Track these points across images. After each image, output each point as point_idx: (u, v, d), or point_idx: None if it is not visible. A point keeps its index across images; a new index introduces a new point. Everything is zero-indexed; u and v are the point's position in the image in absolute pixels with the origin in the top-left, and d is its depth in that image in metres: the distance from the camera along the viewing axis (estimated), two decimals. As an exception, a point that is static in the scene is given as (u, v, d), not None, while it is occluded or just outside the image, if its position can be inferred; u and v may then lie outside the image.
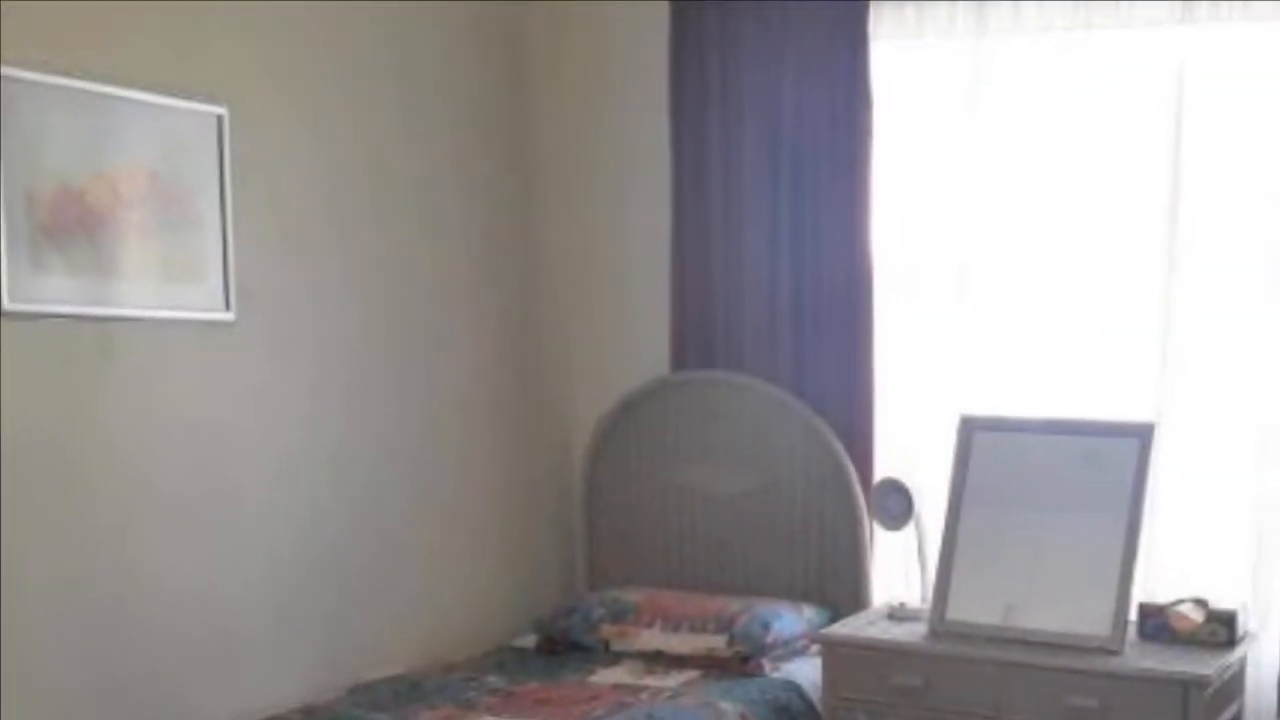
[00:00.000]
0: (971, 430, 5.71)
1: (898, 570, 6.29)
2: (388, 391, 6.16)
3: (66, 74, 4.80)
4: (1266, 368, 5.67)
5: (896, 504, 5.92)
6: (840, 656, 5.59)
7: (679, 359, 6.74)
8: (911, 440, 6.35)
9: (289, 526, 5.73)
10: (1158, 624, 5.39)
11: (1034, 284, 6.11)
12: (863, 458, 6.34)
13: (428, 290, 6.37)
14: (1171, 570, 5.74)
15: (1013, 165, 6.12)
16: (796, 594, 6.39)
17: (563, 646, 6.28)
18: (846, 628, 5.74)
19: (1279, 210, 5.65)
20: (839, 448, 6.31)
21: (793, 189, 6.43)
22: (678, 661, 5.99)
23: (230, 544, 5.47)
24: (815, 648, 5.90)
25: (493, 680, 5.86)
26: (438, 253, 6.43)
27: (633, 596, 6.37)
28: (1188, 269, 5.79)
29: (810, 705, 5.75)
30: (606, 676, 5.89)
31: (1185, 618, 5.34)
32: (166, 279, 5.20)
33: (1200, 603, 5.38)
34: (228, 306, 5.40)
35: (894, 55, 6.32)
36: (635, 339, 6.89)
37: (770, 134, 6.48)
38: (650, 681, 5.80)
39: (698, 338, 6.67)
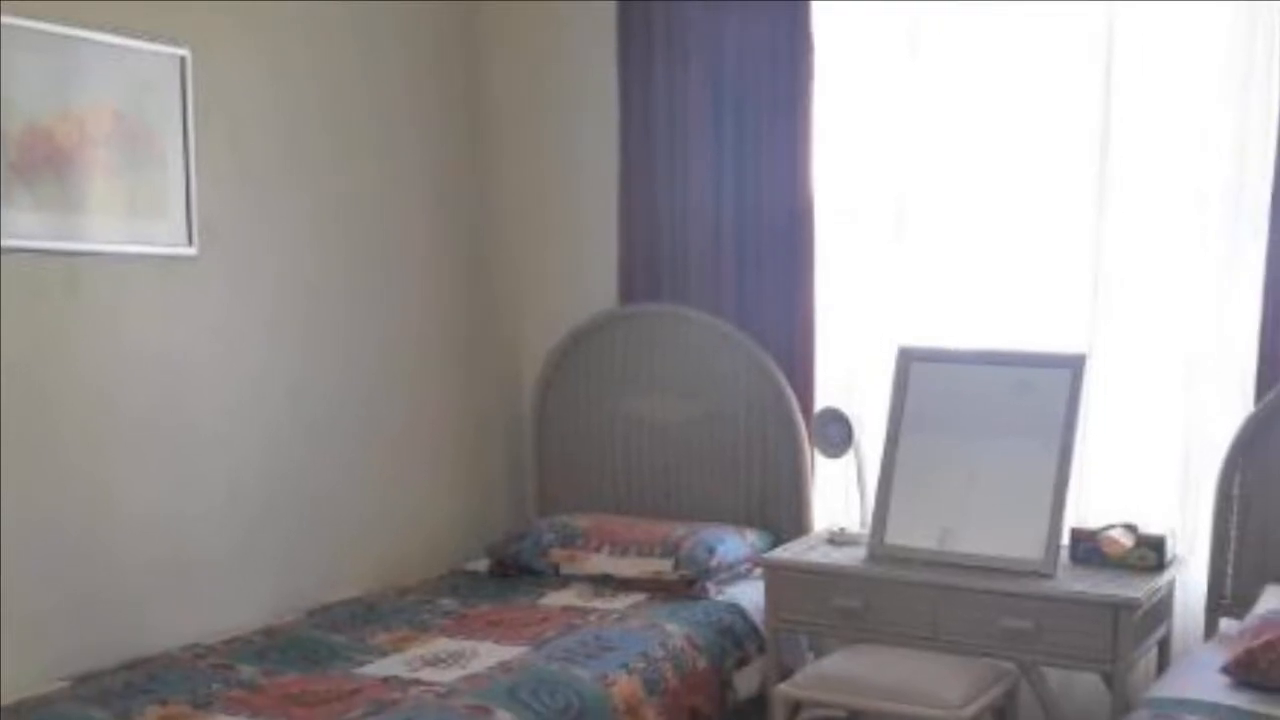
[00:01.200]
0: (909, 361, 5.70)
1: (838, 496, 6.30)
2: (344, 324, 6.13)
3: (34, 16, 4.75)
4: (1193, 301, 5.64)
5: (836, 432, 5.90)
6: (782, 579, 5.58)
7: (626, 293, 6.70)
8: (851, 370, 6.33)
9: (249, 455, 5.71)
10: (1089, 548, 5.39)
11: (970, 220, 6.06)
12: (804, 387, 6.31)
13: (383, 227, 6.33)
14: (1102, 496, 5.75)
15: (950, 105, 6.06)
16: (740, 519, 6.38)
17: (514, 570, 6.27)
18: (788, 552, 5.74)
19: (1205, 149, 5.61)
20: (781, 378, 6.28)
21: (736, 128, 6.37)
22: (625, 585, 5.99)
23: (193, 471, 5.46)
24: (758, 571, 5.90)
25: (446, 603, 5.87)
26: (393, 191, 6.39)
27: (581, 522, 6.34)
28: (1117, 206, 5.76)
29: (753, 627, 5.77)
30: (556, 599, 5.89)
31: (1116, 542, 5.34)
32: (131, 215, 5.19)
33: (1130, 528, 5.38)
34: (190, 242, 5.40)
35: (835, -1, 6.28)
36: (584, 274, 6.86)
37: (714, 75, 6.42)
38: (598, 604, 5.81)
39: (644, 272, 6.64)
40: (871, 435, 5.87)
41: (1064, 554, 5.36)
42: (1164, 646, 5.48)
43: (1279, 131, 5.34)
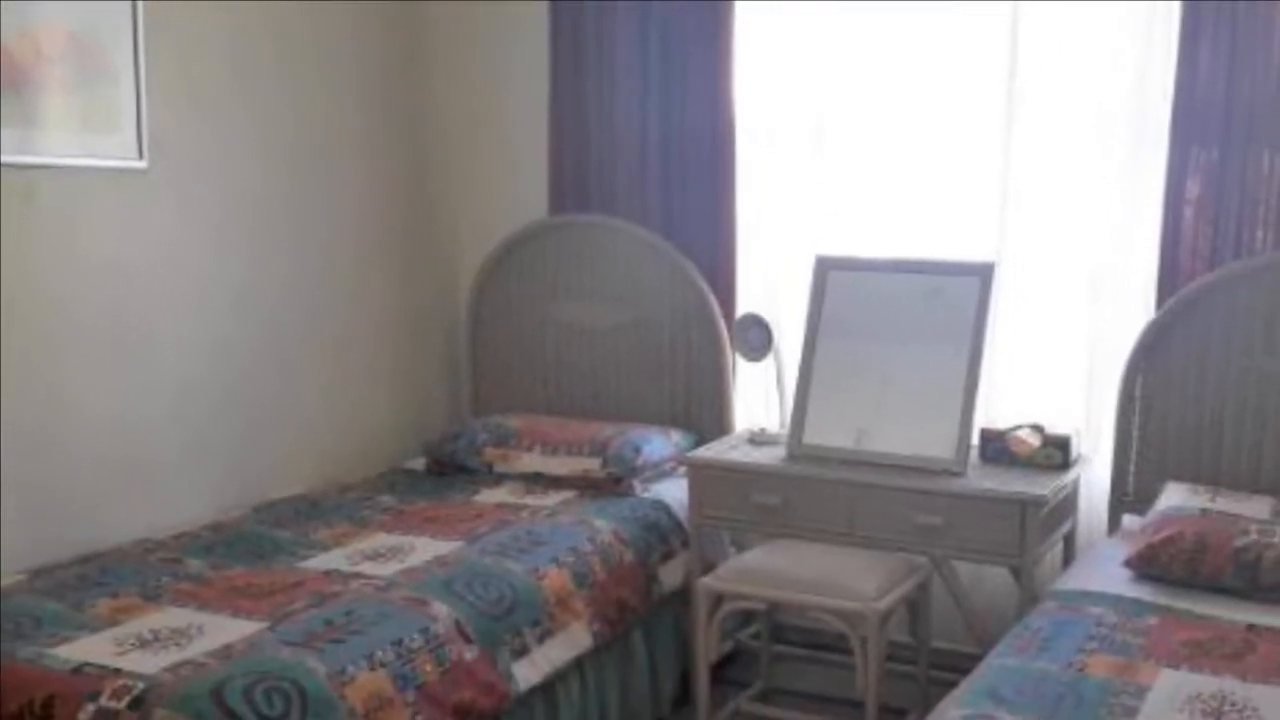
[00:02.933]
0: (826, 269, 5.63)
1: (758, 398, 6.26)
2: (288, 234, 6.02)
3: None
4: (1097, 214, 5.60)
5: (757, 337, 5.84)
6: (705, 477, 5.53)
7: (556, 204, 6.61)
8: (771, 278, 6.27)
9: (198, 359, 5.62)
10: (998, 448, 5.37)
11: (884, 137, 5.96)
12: (726, 294, 6.24)
13: (325, 142, 6.23)
14: (1010, 398, 5.73)
15: (864, 27, 5.94)
16: (665, 420, 6.33)
17: (450, 468, 6.22)
18: (711, 451, 5.68)
19: (1109, 69, 5.52)
20: (704, 285, 6.21)
21: (661, 49, 6.25)
22: (555, 482, 5.95)
23: (144, 374, 5.39)
24: (682, 470, 5.84)
25: (385, 500, 5.82)
26: (334, 108, 6.27)
27: (514, 422, 6.29)
28: (1024, 123, 5.68)
29: (677, 522, 5.74)
30: (490, 496, 5.85)
31: (1023, 442, 5.32)
32: (84, 130, 5.10)
33: (1037, 428, 5.36)
34: (140, 155, 5.30)
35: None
36: (516, 186, 6.76)
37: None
38: (530, 501, 5.76)
39: (574, 185, 6.55)
40: (790, 340, 5.81)
41: (974, 453, 5.33)
42: (1069, 541, 5.49)
43: (1179, 52, 5.25)
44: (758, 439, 5.74)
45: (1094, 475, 5.56)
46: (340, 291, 6.33)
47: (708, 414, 6.29)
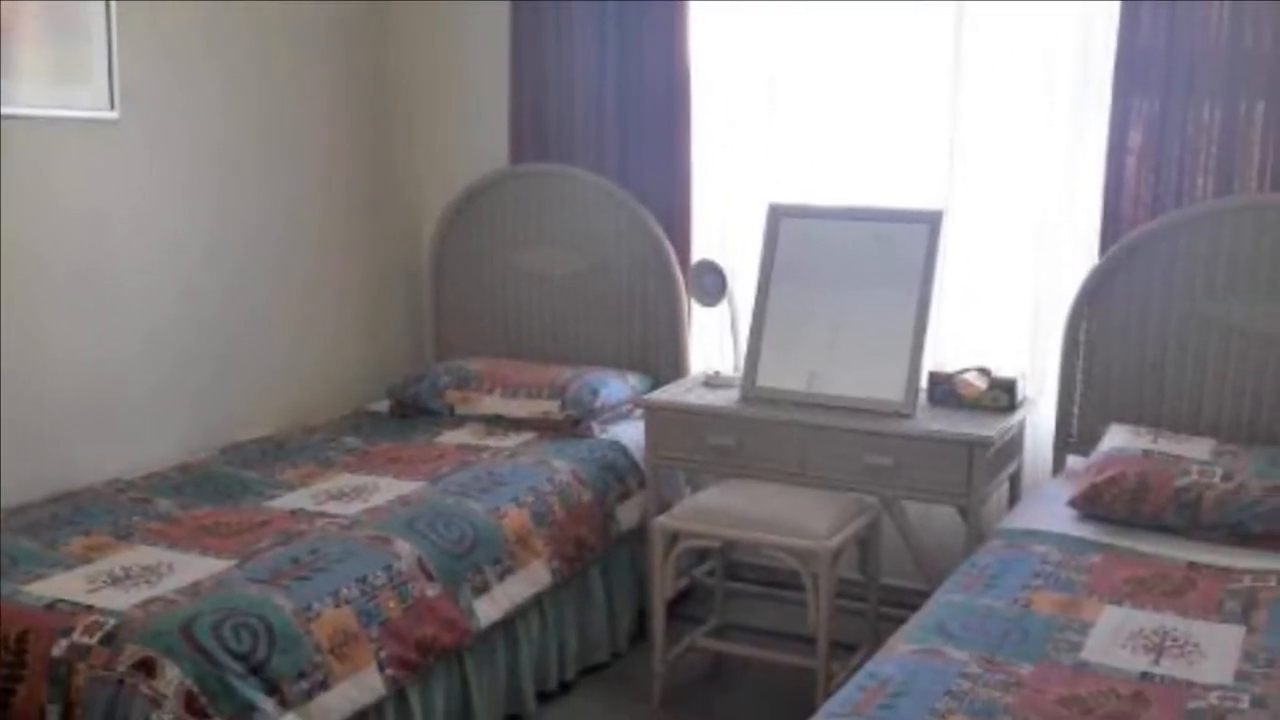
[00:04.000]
0: (779, 217, 5.57)
1: (712, 342, 6.21)
2: (256, 184, 5.99)
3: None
4: (1042, 163, 5.55)
5: (712, 283, 5.79)
6: (661, 419, 5.48)
7: (516, 154, 6.53)
8: (725, 226, 6.22)
9: (168, 305, 5.60)
10: (946, 390, 5.33)
11: (835, 88, 5.89)
12: (681, 241, 6.19)
13: (292, 93, 6.17)
14: (958, 343, 5.70)
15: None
16: (622, 364, 6.30)
17: (412, 411, 6.18)
18: (666, 394, 5.64)
19: (1054, 20, 5.45)
20: (660, 232, 6.15)
21: (618, 3, 6.17)
22: (515, 424, 5.92)
23: (116, 320, 5.37)
24: (638, 412, 5.81)
25: (350, 441, 5.79)
26: (301, 61, 6.21)
27: (475, 366, 6.24)
28: (972, 75, 5.63)
29: (634, 463, 5.73)
30: (452, 438, 5.83)
31: (971, 385, 5.28)
32: (57, 81, 5.07)
33: (984, 371, 5.32)
34: (112, 107, 5.27)
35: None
36: (477, 136, 6.69)
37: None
38: (491, 442, 5.74)
39: (533, 135, 6.48)
40: (744, 286, 5.76)
41: (922, 396, 5.30)
42: (1015, 481, 5.46)
43: (1121, 6, 5.19)
44: (712, 382, 5.69)
45: (1039, 417, 5.53)
46: (306, 239, 6.28)
47: (664, 358, 6.25)
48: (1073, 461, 5.34)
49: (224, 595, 3.97)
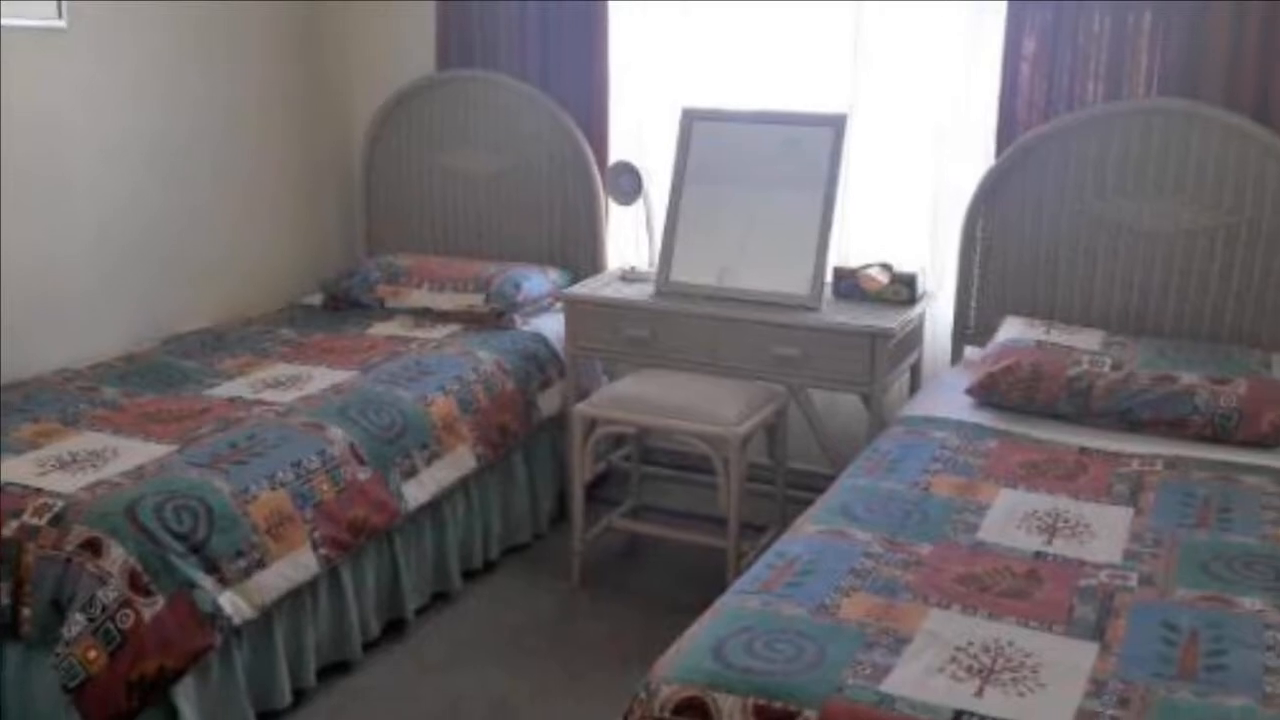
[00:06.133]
0: (692, 120, 5.47)
1: (629, 239, 6.13)
2: (196, 91, 5.87)
3: None
4: (941, 68, 5.46)
5: (628, 183, 5.68)
6: (580, 312, 5.40)
7: (443, 60, 6.39)
8: (641, 128, 6.12)
9: (114, 204, 5.52)
10: (850, 285, 5.26)
11: (746, -2, 5.80)
12: (599, 143, 6.09)
13: (231, 4, 6.00)
14: (861, 239, 5.63)
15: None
16: (543, 259, 6.23)
17: (344, 304, 6.08)
18: (585, 288, 5.54)
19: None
20: (579, 135, 6.05)
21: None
22: (442, 317, 5.86)
23: (64, 219, 5.30)
24: (558, 305, 5.74)
25: (285, 333, 5.74)
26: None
27: (404, 261, 6.15)
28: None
29: (554, 353, 5.69)
30: (382, 329, 5.77)
31: (873, 279, 5.22)
32: None
33: (886, 267, 5.27)
34: (60, 16, 5.16)
35: None
36: (405, 44, 6.53)
37: None
38: (419, 334, 5.70)
39: (459, 42, 6.32)
40: (659, 186, 5.66)
41: (828, 290, 5.24)
42: (915, 371, 5.42)
43: (1017, -83, 5.13)
44: (628, 277, 5.61)
45: (938, 310, 5.49)
46: (244, 143, 6.17)
47: (583, 254, 6.18)
48: (970, 352, 5.31)
49: (166, 479, 3.97)
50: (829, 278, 5.25)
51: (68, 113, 5.25)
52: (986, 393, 4.57)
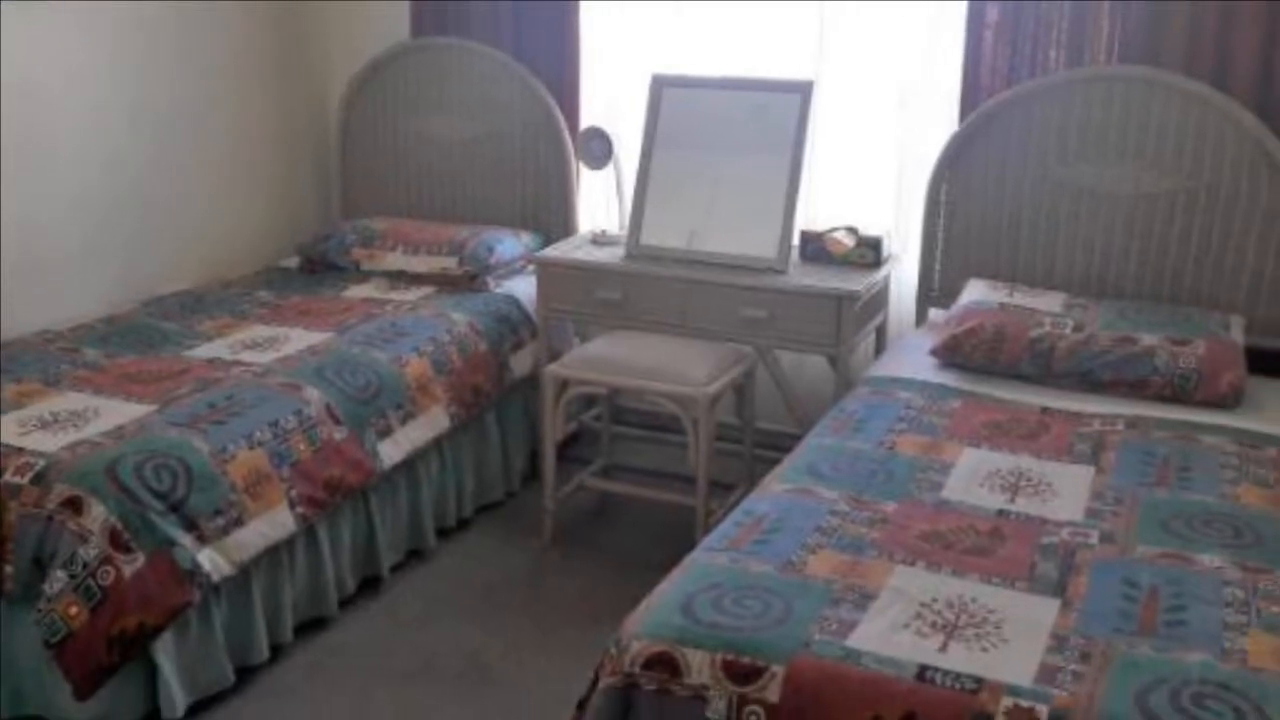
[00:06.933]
0: (661, 86, 5.43)
1: (600, 203, 6.06)
2: (177, 58, 5.81)
3: None
4: (906, 36, 5.42)
5: (599, 148, 5.64)
6: (552, 275, 5.38)
7: (417, 28, 6.34)
8: (612, 95, 6.06)
9: (94, 169, 5.47)
10: (816, 248, 5.23)
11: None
12: (571, 109, 6.03)
13: None
14: (828, 203, 5.58)
15: None
16: (515, 223, 6.17)
17: (321, 267, 6.02)
18: (557, 251, 5.51)
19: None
20: (551, 101, 5.99)
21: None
22: (417, 279, 5.81)
23: (45, 183, 5.25)
24: (531, 267, 5.73)
25: (263, 295, 5.70)
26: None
27: (379, 225, 6.09)
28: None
29: (527, 315, 5.67)
30: (357, 292, 5.73)
31: (839, 242, 5.18)
32: None
33: (852, 230, 5.23)
34: None
35: None
36: (381, 12, 6.46)
37: None
38: (394, 296, 5.66)
39: (433, 10, 6.27)
40: (629, 151, 5.61)
41: (795, 253, 5.21)
42: (880, 332, 5.40)
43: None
44: (599, 240, 5.57)
45: (903, 273, 5.46)
46: (223, 109, 6.11)
47: (554, 217, 6.13)
48: (934, 314, 5.29)
49: (146, 438, 3.97)
50: (796, 241, 5.22)
51: (49, 81, 5.20)
52: (950, 354, 4.56)
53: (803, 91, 5.19)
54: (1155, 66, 4.84)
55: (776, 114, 5.19)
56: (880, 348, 5.37)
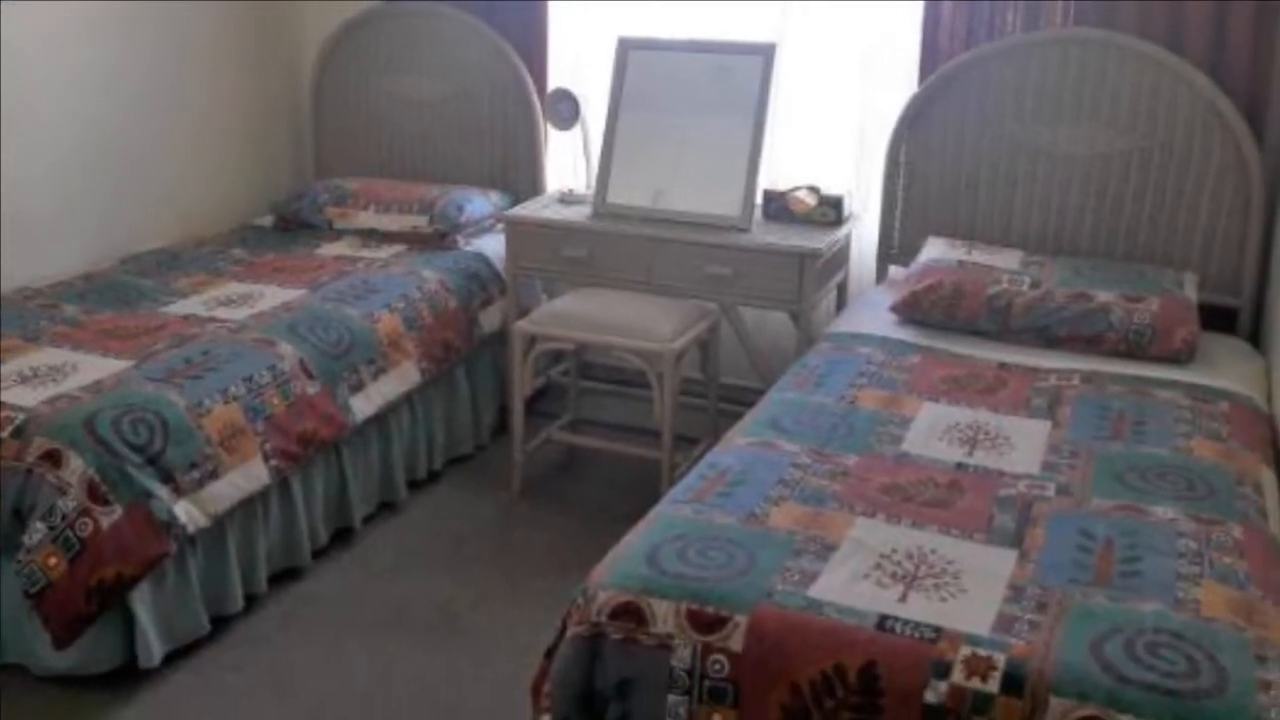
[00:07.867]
0: (627, 49, 5.38)
1: (567, 163, 5.99)
2: (153, 22, 5.74)
3: None
4: None
5: (566, 109, 5.58)
6: (520, 233, 5.33)
7: (389, -10, 6.31)
8: (579, 57, 5.99)
9: (73, 131, 5.43)
10: (779, 207, 5.19)
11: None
12: (539, 71, 5.98)
13: None
14: (790, 163, 5.53)
15: None
16: (485, 182, 6.13)
17: (294, 225, 5.98)
18: (525, 210, 5.46)
19: None
20: (519, 63, 5.94)
21: None
22: (388, 237, 5.78)
23: (25, 145, 5.19)
24: (500, 226, 5.68)
25: (237, 253, 5.66)
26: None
27: (351, 184, 6.03)
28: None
29: (496, 273, 5.63)
30: (330, 250, 5.70)
31: (801, 201, 5.15)
32: None
33: (814, 189, 5.19)
34: None
35: None
36: None
37: None
38: (366, 254, 5.63)
39: (405, -28, 6.23)
40: (595, 112, 5.57)
41: (758, 212, 5.16)
42: (842, 289, 5.37)
43: None
44: (567, 199, 5.53)
45: (864, 231, 5.42)
46: (199, 71, 6.04)
47: (523, 177, 6.09)
48: (894, 271, 5.26)
49: (123, 393, 3.96)
50: (759, 200, 5.18)
51: (29, 48, 5.14)
52: (910, 310, 4.54)
53: (765, 54, 5.14)
54: (1110, 29, 4.80)
55: (740, 76, 5.16)
56: (841, 304, 5.36)
